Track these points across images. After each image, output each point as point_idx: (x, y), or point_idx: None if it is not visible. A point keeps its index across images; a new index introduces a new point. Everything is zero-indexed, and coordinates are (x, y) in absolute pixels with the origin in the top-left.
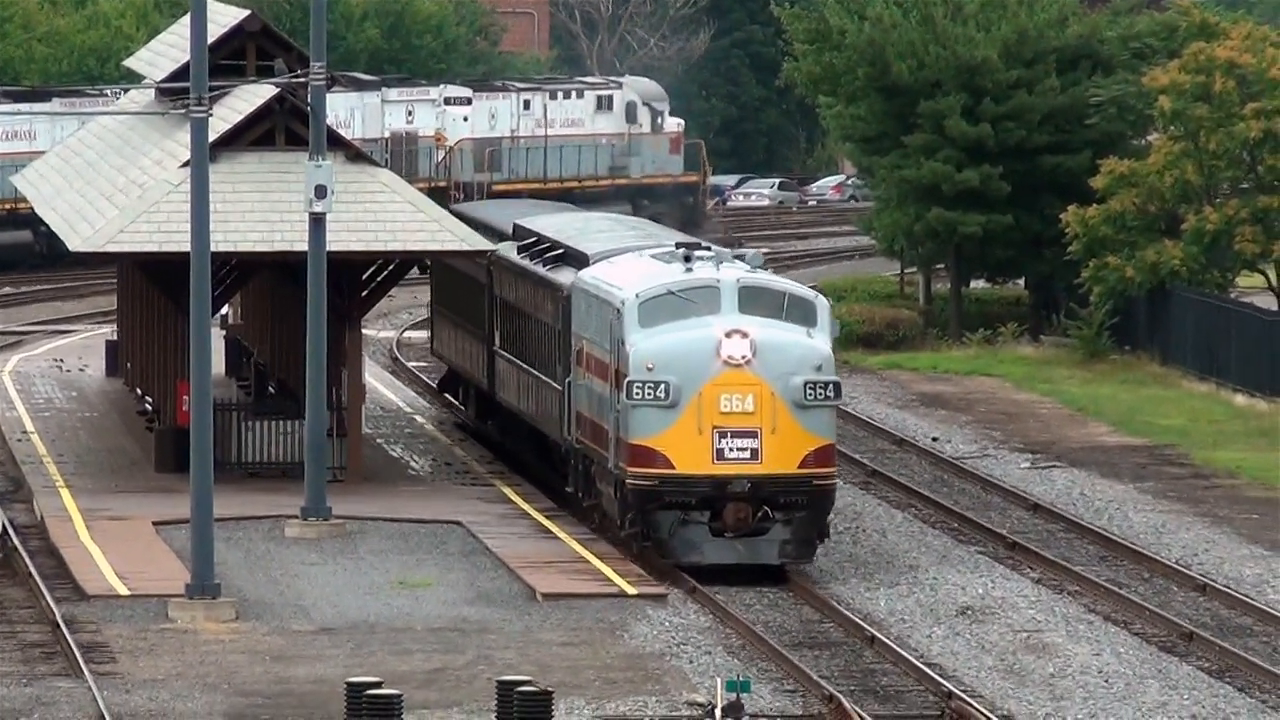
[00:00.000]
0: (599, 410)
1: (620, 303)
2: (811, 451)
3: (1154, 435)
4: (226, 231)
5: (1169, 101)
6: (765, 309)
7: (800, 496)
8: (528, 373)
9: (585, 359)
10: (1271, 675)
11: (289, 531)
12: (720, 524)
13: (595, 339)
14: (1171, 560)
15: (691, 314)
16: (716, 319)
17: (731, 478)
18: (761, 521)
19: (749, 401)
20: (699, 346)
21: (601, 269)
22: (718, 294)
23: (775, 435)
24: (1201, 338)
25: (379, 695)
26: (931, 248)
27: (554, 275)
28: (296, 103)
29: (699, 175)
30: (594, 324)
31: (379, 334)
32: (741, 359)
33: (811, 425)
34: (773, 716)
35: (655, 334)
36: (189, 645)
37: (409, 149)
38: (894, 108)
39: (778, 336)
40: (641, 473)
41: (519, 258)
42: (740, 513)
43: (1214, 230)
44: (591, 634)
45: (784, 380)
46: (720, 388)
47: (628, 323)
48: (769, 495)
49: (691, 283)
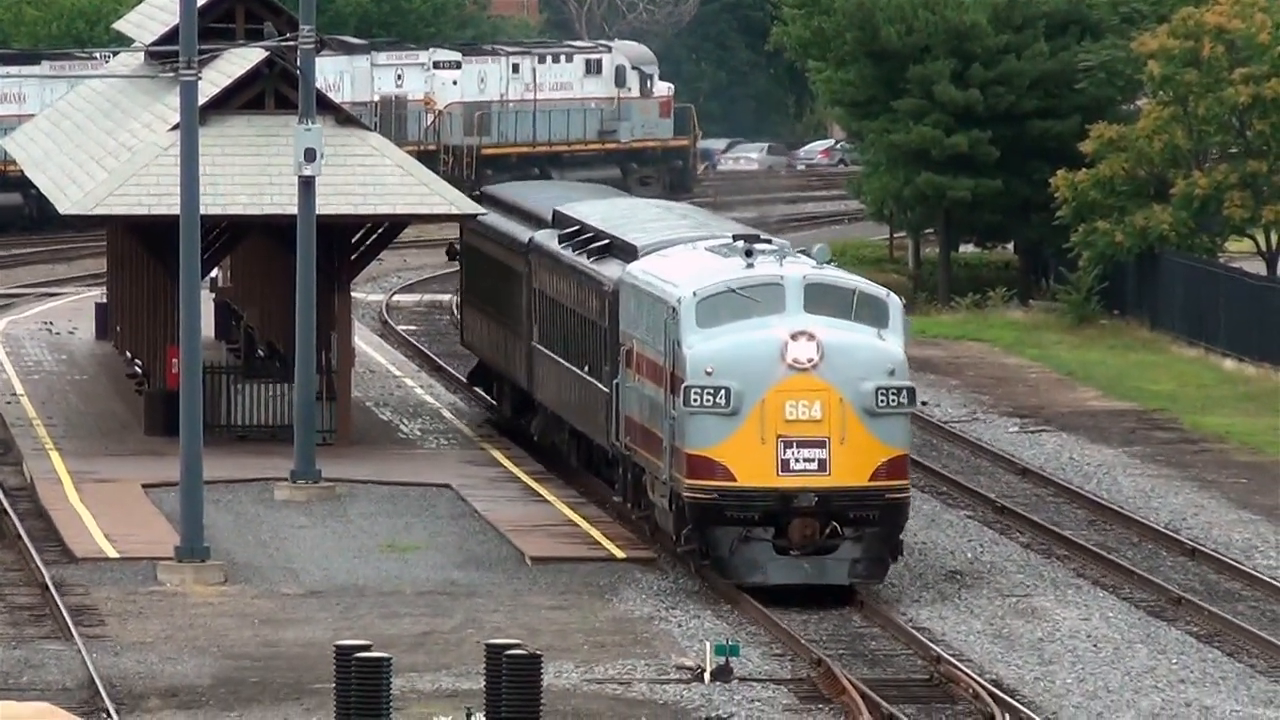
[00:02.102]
0: (651, 416)
1: (676, 301)
2: (884, 463)
3: (1143, 400)
4: (216, 194)
5: (1158, 66)
6: (833, 308)
7: (872, 511)
8: (570, 372)
9: (636, 360)
10: (1260, 640)
11: (278, 494)
12: (785, 541)
13: (647, 339)
14: (1160, 525)
15: (754, 314)
16: (781, 319)
17: (797, 491)
18: (830, 538)
19: (816, 408)
20: (762, 349)
21: (652, 262)
22: (782, 292)
23: (845, 445)
24: (1190, 303)
25: (368, 658)
26: (920, 212)
27: (600, 268)
28: (286, 66)
29: (688, 139)
30: (645, 322)
31: (368, 297)
32: (808, 362)
33: (883, 434)
34: (761, 680)
35: (714, 335)
36: (178, 608)
37: (398, 113)
38: (883, 72)
39: (847, 338)
40: (700, 485)
41: (560, 247)
42: (807, 529)
43: (1203, 195)
44: (580, 598)
45: (854, 386)
46: (785, 394)
47: (684, 323)
48: (838, 510)
49: (753, 280)
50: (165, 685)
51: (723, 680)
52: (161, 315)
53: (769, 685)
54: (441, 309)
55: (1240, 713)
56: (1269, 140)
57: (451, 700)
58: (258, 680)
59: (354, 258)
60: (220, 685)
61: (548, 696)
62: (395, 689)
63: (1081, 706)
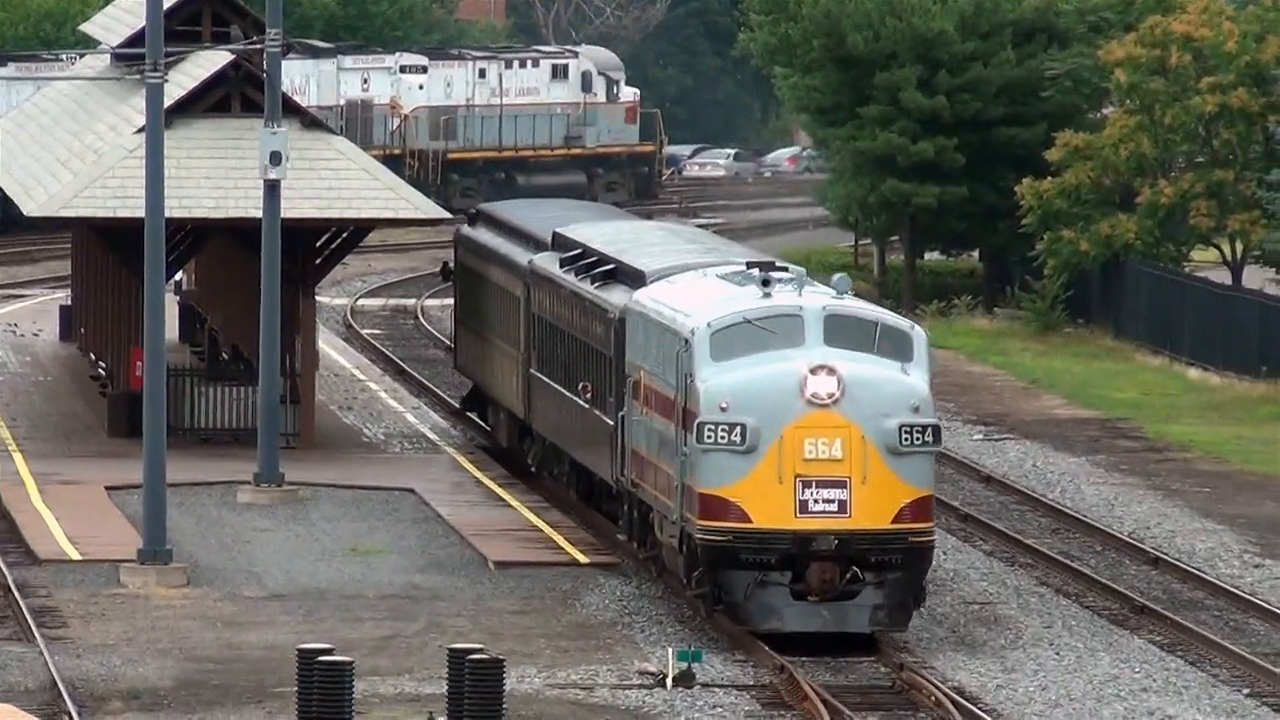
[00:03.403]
0: (661, 452)
1: (689, 332)
2: (907, 504)
3: (1107, 408)
4: (181, 197)
5: (1124, 75)
6: (854, 341)
7: (894, 555)
8: (572, 401)
9: (644, 392)
10: (1222, 649)
11: (241, 497)
12: (803, 586)
13: (656, 371)
14: (1124, 533)
15: (771, 346)
16: (800, 352)
17: (816, 534)
18: (850, 583)
19: (837, 447)
20: (780, 384)
21: (661, 290)
22: (801, 323)
23: (866, 485)
24: (1155, 311)
25: (330, 662)
26: (886, 219)
27: (605, 294)
28: (252, 69)
29: (654, 145)
30: (655, 353)
31: (333, 301)
32: (828, 398)
33: (907, 474)
34: (724, 686)
35: (730, 369)
36: (140, 610)
37: (364, 116)
38: (849, 79)
39: (869, 373)
40: (713, 526)
41: (562, 271)
42: (826, 573)
43: (1169, 204)
44: (543, 602)
45: (876, 423)
46: (804, 431)
47: (698, 355)
48: (859, 554)
49: (771, 310)
50: (127, 687)
51: (685, 686)
52: (126, 317)
53: (731, 691)
54: (406, 313)
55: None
56: (1235, 150)
57: (414, 704)
58: (219, 683)
59: (319, 261)
60: (182, 688)
61: (510, 701)
62: (357, 693)
63: (1044, 715)
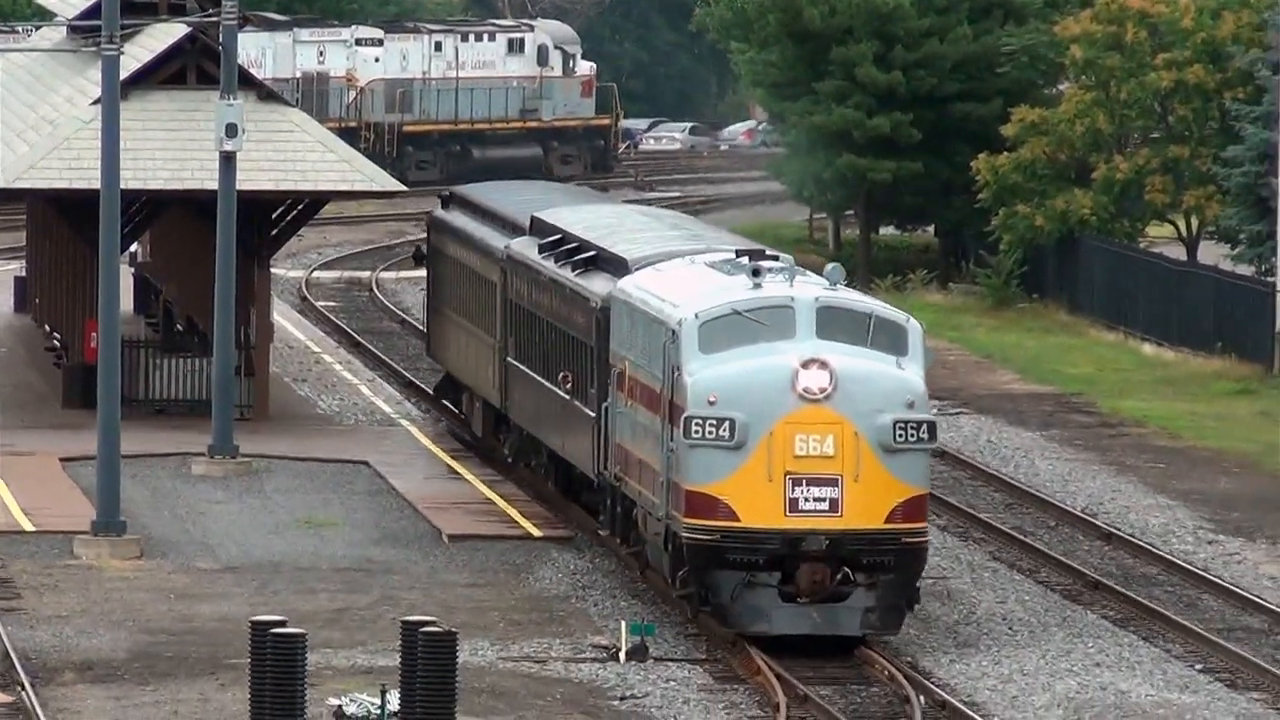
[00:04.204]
0: (646, 446)
1: (677, 323)
2: (900, 503)
3: (1061, 383)
4: (137, 169)
5: (1080, 51)
6: (848, 334)
7: (887, 556)
8: (551, 391)
9: (628, 384)
10: (1175, 625)
11: (195, 469)
12: (793, 587)
13: (641, 362)
14: (1077, 509)
15: (761, 338)
16: (791, 345)
17: (807, 533)
18: (841, 585)
19: (828, 443)
20: (771, 377)
21: (647, 278)
22: (792, 315)
23: (859, 484)
24: (1110, 287)
25: (283, 634)
26: (841, 194)
27: (586, 283)
28: (208, 41)
29: (610, 119)
30: (640, 344)
31: (288, 273)
32: (820, 393)
33: (901, 472)
34: (677, 660)
35: (718, 361)
36: (94, 582)
37: (320, 89)
38: (805, 54)
39: (863, 367)
40: (700, 525)
41: (541, 258)
42: (817, 574)
43: (1124, 180)
44: (497, 575)
45: (870, 419)
46: (795, 426)
47: (685, 347)
48: (850, 554)
49: (761, 301)
50: (81, 659)
51: (638, 660)
52: (81, 289)
53: (684, 665)
54: (361, 286)
55: (1155, 697)
56: (1190, 125)
57: (367, 677)
58: (173, 655)
59: (274, 234)
60: (136, 659)
61: (463, 674)
62: (310, 665)
63: (997, 690)
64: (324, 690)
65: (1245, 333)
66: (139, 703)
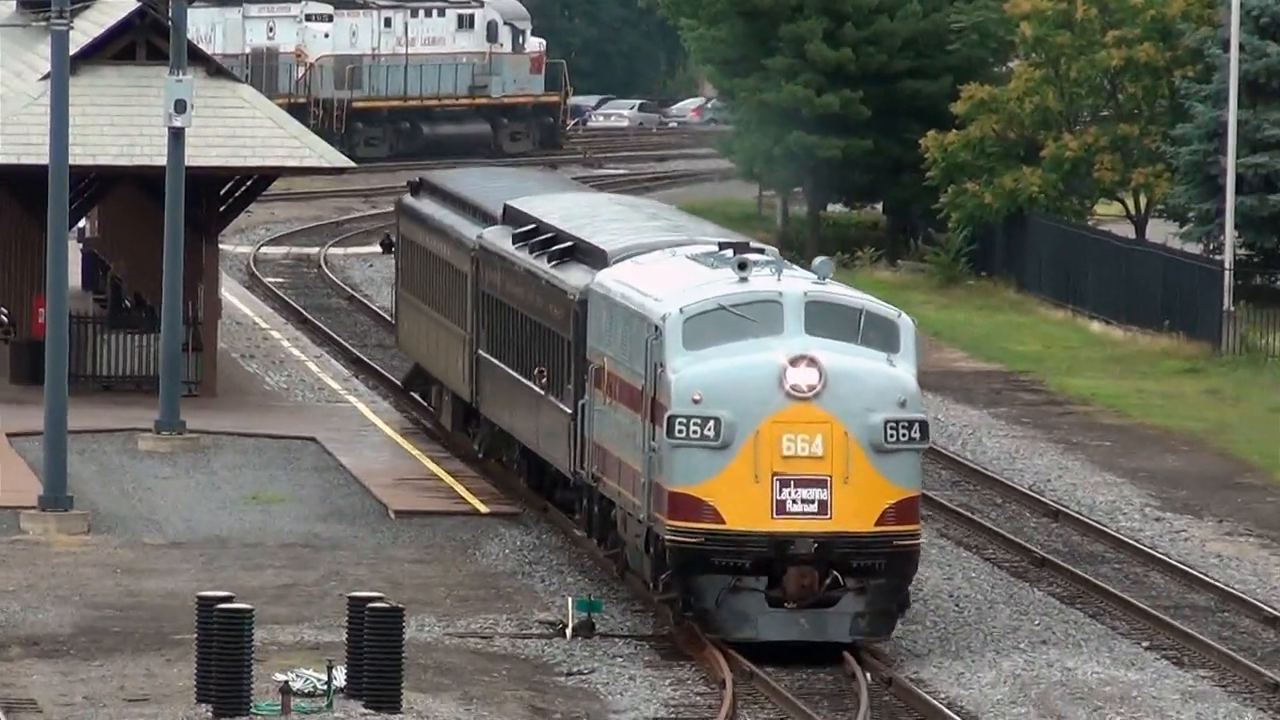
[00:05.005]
0: (626, 446)
1: (660, 318)
2: (891, 505)
3: (1009, 361)
4: (86, 144)
5: (1030, 28)
6: (837, 330)
7: (877, 560)
8: (524, 386)
9: (607, 381)
10: (1122, 602)
11: (142, 445)
12: (780, 592)
13: (622, 359)
14: (1024, 486)
15: (748, 334)
16: (779, 341)
17: (795, 536)
18: (830, 590)
19: (817, 443)
20: (757, 375)
21: (626, 271)
22: (780, 310)
23: (848, 485)
24: (1058, 265)
25: (230, 609)
26: (790, 171)
27: (563, 275)
28: (158, 17)
29: (559, 95)
30: (619, 340)
31: (236, 249)
32: (809, 391)
33: (892, 473)
34: (623, 636)
35: (703, 358)
36: (40, 557)
37: (269, 65)
38: (755, 30)
39: (853, 364)
40: (683, 527)
41: (515, 248)
42: (805, 579)
43: (1073, 158)
44: (443, 552)
45: (860, 418)
46: (783, 426)
47: (669, 343)
48: (839, 558)
49: (748, 296)
50: (27, 634)
51: (584, 636)
52: (29, 265)
53: (631, 641)
54: (309, 262)
55: (1102, 674)
56: (1140, 104)
57: (313, 652)
58: (119, 630)
59: (223, 210)
60: (82, 634)
61: (409, 650)
62: (257, 640)
63: (944, 667)
64: (270, 665)
65: (1193, 311)
66: (85, 677)
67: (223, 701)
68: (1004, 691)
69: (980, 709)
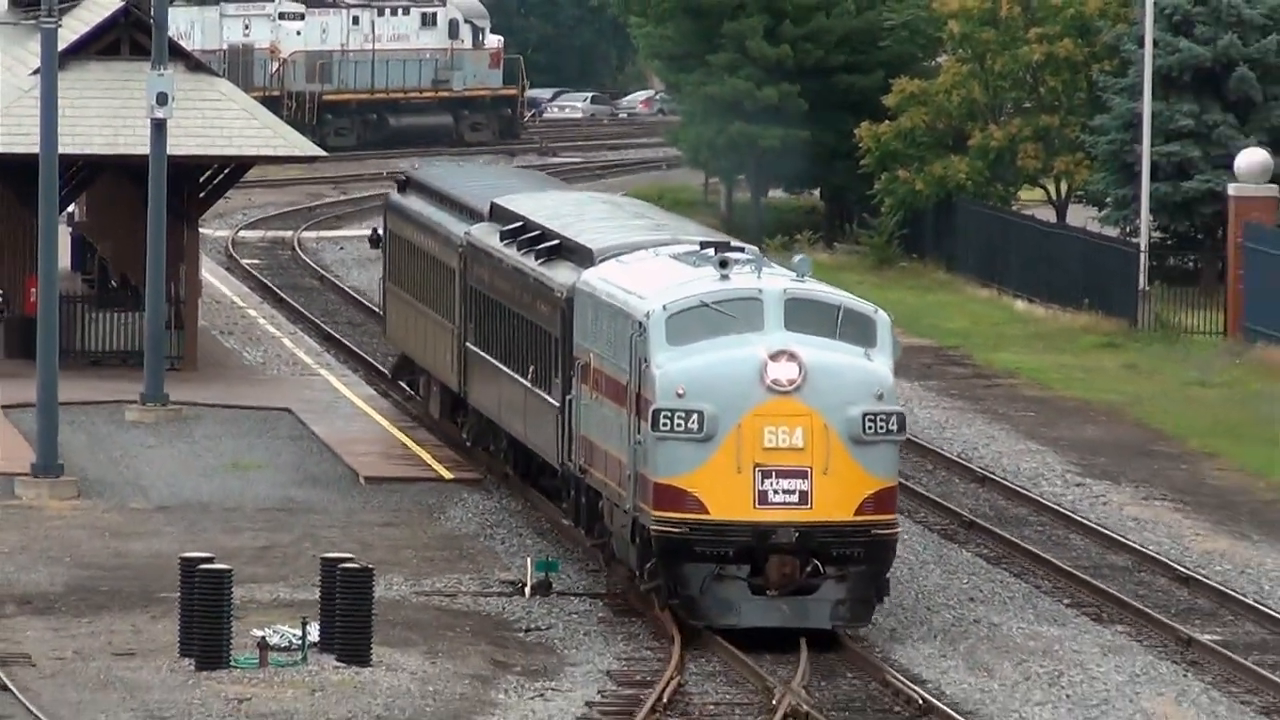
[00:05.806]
0: (612, 438)
1: (644, 315)
2: (870, 495)
3: (939, 337)
4: (74, 135)
5: (958, 25)
6: (816, 325)
7: (857, 548)
8: (512, 379)
9: (594, 376)
10: (1044, 562)
11: (129, 416)
12: (762, 580)
13: (607, 354)
14: (953, 454)
15: (729, 330)
16: (759, 337)
17: (776, 525)
18: (811, 577)
19: (798, 435)
20: (739, 369)
21: (612, 270)
22: (760, 307)
23: (828, 476)
24: (985, 247)
25: (210, 570)
26: (733, 160)
27: (550, 272)
28: (140, 15)
29: (517, 89)
30: (605, 336)
31: (215, 233)
32: (789, 385)
33: (870, 464)
34: (579, 594)
35: (687, 354)
36: (33, 521)
37: (245, 60)
38: (699, 28)
39: (832, 359)
40: (667, 518)
41: (502, 246)
42: (786, 567)
43: (998, 147)
44: (411, 515)
45: (839, 411)
46: (764, 419)
47: (653, 340)
48: (820, 547)
49: (729, 293)
50: (20, 593)
51: (542, 594)
52: (21, 247)
53: (586, 599)
54: (284, 245)
55: (1026, 630)
56: (1060, 96)
57: (289, 610)
58: (107, 588)
59: (202, 196)
60: (72, 593)
61: (379, 607)
62: (236, 598)
63: (876, 624)
64: (249, 622)
65: (1111, 290)
66: (75, 633)
67: (204, 655)
68: (934, 646)
69: (913, 663)
